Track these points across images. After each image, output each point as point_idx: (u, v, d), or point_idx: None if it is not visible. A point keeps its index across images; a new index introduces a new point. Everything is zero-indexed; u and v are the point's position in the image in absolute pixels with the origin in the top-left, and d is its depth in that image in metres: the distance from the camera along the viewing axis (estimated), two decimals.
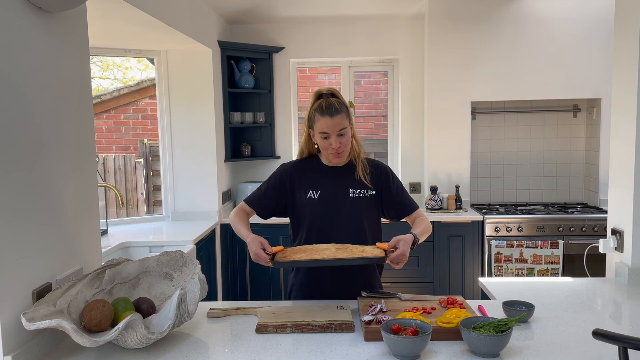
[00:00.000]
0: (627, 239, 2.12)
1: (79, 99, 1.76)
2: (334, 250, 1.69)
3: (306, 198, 1.91)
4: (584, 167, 4.29)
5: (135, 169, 5.56)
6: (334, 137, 1.83)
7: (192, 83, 3.81)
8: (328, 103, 1.83)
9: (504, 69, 3.99)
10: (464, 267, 3.81)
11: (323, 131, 1.83)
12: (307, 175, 1.95)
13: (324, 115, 1.81)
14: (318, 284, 1.92)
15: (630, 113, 2.09)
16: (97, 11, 2.42)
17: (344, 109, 1.85)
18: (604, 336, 1.21)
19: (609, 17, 3.77)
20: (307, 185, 1.93)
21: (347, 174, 1.94)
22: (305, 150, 1.99)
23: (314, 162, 1.98)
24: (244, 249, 3.93)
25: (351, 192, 1.91)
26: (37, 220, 1.49)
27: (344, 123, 1.83)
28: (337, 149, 1.85)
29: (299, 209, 1.93)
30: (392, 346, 1.36)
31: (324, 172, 1.95)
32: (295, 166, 1.99)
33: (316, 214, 1.90)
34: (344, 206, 1.90)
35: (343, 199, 1.90)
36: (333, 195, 1.91)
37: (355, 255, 1.63)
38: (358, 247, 1.74)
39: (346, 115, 1.85)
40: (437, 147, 4.12)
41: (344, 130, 1.84)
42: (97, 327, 1.42)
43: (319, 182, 1.93)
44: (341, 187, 1.91)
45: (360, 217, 1.91)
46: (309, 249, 1.73)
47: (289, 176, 1.96)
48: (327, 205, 1.90)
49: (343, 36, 4.35)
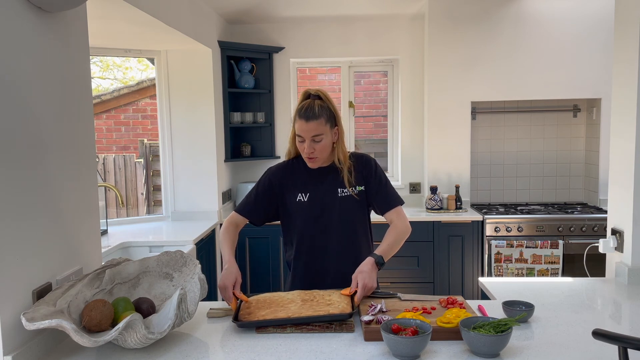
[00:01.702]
0: (627, 239, 2.12)
1: (79, 99, 1.76)
2: (299, 304, 1.66)
3: (296, 201, 1.91)
4: (584, 167, 4.29)
5: (135, 169, 5.56)
6: (307, 142, 1.81)
7: (192, 83, 3.81)
8: (309, 106, 1.80)
9: (504, 69, 3.99)
10: (464, 267, 3.81)
11: (298, 134, 1.83)
12: (295, 178, 1.94)
13: (301, 119, 1.80)
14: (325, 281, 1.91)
15: (630, 113, 2.09)
16: (97, 11, 2.42)
17: (325, 114, 1.80)
18: (604, 336, 1.21)
19: (609, 17, 3.77)
20: (295, 188, 1.92)
21: (333, 174, 1.92)
22: (293, 150, 1.97)
23: (300, 164, 1.96)
24: (244, 248, 3.94)
25: (339, 192, 1.90)
26: (37, 220, 1.49)
27: (320, 129, 1.79)
28: (308, 154, 1.83)
29: (290, 213, 1.93)
30: (392, 346, 1.36)
31: (311, 173, 1.93)
32: (282, 169, 1.97)
33: (307, 217, 1.90)
34: (334, 207, 1.89)
35: (332, 199, 1.90)
36: (322, 197, 1.90)
37: (321, 311, 1.59)
38: (325, 295, 1.71)
39: (326, 121, 1.80)
40: (437, 147, 4.12)
41: (320, 137, 1.80)
42: (97, 327, 1.42)
43: (307, 184, 1.92)
44: (329, 187, 1.91)
45: (352, 216, 1.91)
46: (274, 302, 1.69)
47: (277, 180, 1.94)
48: (317, 207, 1.89)
49: (343, 36, 4.36)
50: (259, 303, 1.70)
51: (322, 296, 1.72)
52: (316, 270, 1.93)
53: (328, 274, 1.92)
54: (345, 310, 1.59)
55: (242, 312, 1.65)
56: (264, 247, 3.93)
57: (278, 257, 3.94)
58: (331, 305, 1.63)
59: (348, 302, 1.67)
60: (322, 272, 1.92)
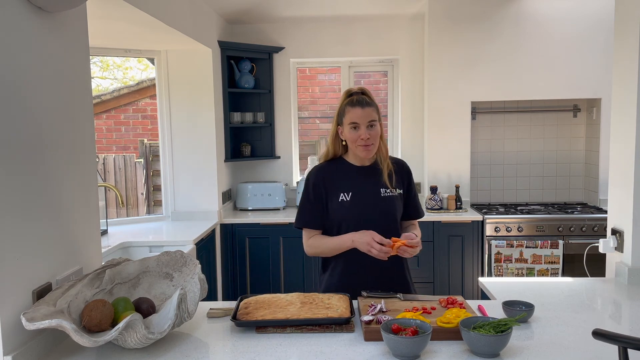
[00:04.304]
0: (627, 239, 2.12)
1: (79, 99, 1.76)
2: (298, 306, 1.66)
3: (338, 201, 1.91)
4: (584, 167, 4.29)
5: (135, 169, 5.56)
6: (363, 128, 1.85)
7: (192, 83, 3.81)
8: (360, 97, 1.89)
9: (504, 69, 3.99)
10: (464, 267, 3.81)
11: (353, 121, 1.85)
12: (337, 178, 1.94)
13: (355, 107, 1.86)
14: (361, 282, 1.88)
15: (630, 113, 2.09)
16: (97, 11, 2.42)
17: (375, 105, 1.90)
18: (604, 336, 1.21)
19: (609, 17, 3.77)
20: (338, 188, 1.92)
21: (375, 174, 1.94)
22: (331, 150, 1.98)
23: (341, 164, 1.98)
24: (244, 248, 3.94)
25: (382, 192, 1.92)
26: (37, 220, 1.49)
27: (374, 115, 1.87)
28: (365, 140, 1.85)
29: (331, 213, 1.93)
30: (392, 346, 1.36)
31: (353, 172, 1.95)
32: (322, 170, 1.98)
33: (348, 216, 1.90)
34: (376, 206, 1.90)
35: (375, 198, 1.91)
36: (365, 196, 1.91)
37: (320, 314, 1.59)
38: (324, 299, 1.71)
39: (376, 111, 1.88)
40: (437, 147, 4.12)
41: (374, 122, 1.86)
42: (97, 327, 1.42)
43: (350, 183, 1.93)
44: (372, 187, 1.92)
45: (392, 215, 1.92)
46: (273, 303, 1.69)
47: (320, 181, 1.95)
48: (360, 207, 1.90)
49: (343, 36, 4.36)
50: (258, 304, 1.70)
51: (321, 299, 1.71)
52: (356, 271, 1.91)
53: (368, 273, 1.90)
54: (343, 315, 1.60)
55: (241, 312, 1.65)
56: (264, 247, 3.93)
57: (278, 257, 3.94)
58: (330, 309, 1.63)
59: (347, 306, 1.67)
60: (362, 272, 1.90)
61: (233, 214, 4.12)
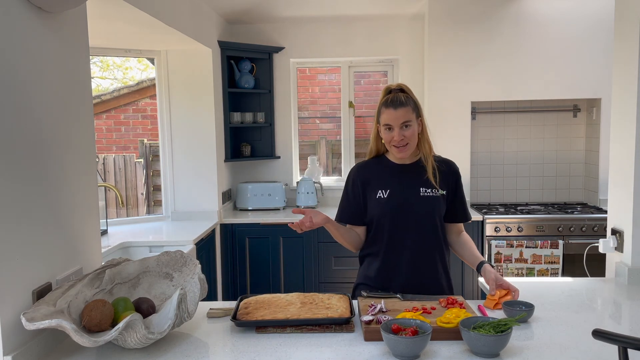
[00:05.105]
0: (627, 239, 2.12)
1: (79, 99, 1.76)
2: (298, 306, 1.66)
3: (375, 199, 1.91)
4: (584, 167, 4.29)
5: (135, 169, 5.56)
6: (396, 130, 1.84)
7: (192, 83, 3.81)
8: (394, 96, 1.86)
9: (504, 69, 3.98)
10: (464, 267, 3.81)
11: (386, 123, 1.85)
12: (377, 175, 1.95)
13: (388, 107, 1.84)
14: (397, 278, 1.89)
15: (630, 113, 2.09)
16: (97, 11, 2.42)
17: (412, 103, 1.86)
18: (604, 336, 1.21)
19: (609, 17, 3.77)
20: (376, 185, 1.92)
21: (417, 172, 1.93)
22: (374, 148, 1.99)
23: (382, 161, 1.98)
24: (244, 248, 3.94)
25: (422, 191, 1.90)
26: (37, 220, 1.49)
27: (408, 116, 1.83)
28: (398, 142, 1.84)
29: (369, 210, 1.93)
30: (392, 346, 1.36)
31: (393, 170, 1.94)
32: (363, 167, 1.99)
33: (383, 214, 1.89)
34: (414, 205, 1.89)
35: (413, 197, 1.89)
36: (403, 194, 1.90)
37: (319, 314, 1.60)
38: (324, 299, 1.72)
39: (412, 110, 1.85)
40: (437, 147, 4.06)
41: (409, 123, 1.84)
42: (97, 327, 1.42)
43: (388, 181, 1.92)
44: (411, 186, 1.91)
45: (432, 215, 1.89)
46: (273, 303, 1.69)
47: (360, 178, 1.96)
48: (395, 205, 1.89)
49: (343, 36, 4.36)
50: (258, 304, 1.70)
51: (321, 299, 1.72)
52: (390, 268, 1.91)
53: (401, 272, 1.89)
54: (343, 315, 1.60)
55: (241, 312, 1.65)
56: (264, 247, 3.93)
57: (278, 257, 3.94)
58: (330, 309, 1.64)
59: (347, 306, 1.67)
60: (396, 270, 1.90)
61: (233, 214, 4.12)
